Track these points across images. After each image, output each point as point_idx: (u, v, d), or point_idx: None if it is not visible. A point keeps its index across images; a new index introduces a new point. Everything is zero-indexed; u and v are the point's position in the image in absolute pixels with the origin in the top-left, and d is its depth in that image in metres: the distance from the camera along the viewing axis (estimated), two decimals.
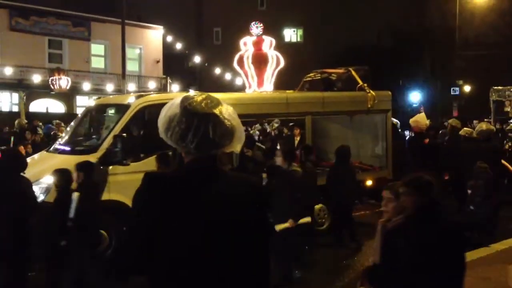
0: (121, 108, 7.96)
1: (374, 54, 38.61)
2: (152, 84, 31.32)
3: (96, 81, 29.55)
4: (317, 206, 9.09)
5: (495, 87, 14.24)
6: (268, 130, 14.81)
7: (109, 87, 28.28)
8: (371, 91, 10.19)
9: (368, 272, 4.12)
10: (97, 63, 31.38)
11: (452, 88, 32.56)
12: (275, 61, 10.66)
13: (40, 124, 15.88)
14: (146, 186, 2.09)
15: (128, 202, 6.25)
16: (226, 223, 2.03)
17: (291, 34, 45.13)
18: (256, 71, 10.57)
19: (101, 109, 9.16)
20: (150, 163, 6.81)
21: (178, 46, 32.26)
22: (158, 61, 33.66)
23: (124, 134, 7.15)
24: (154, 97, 8.38)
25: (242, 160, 8.54)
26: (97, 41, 30.93)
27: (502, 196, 10.06)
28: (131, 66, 30.91)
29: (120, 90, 24.03)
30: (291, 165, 7.07)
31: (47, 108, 27.29)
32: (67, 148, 8.06)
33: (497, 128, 12.42)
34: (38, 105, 28.50)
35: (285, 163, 6.90)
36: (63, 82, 26.85)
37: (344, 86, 10.60)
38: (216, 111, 2.09)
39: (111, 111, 8.75)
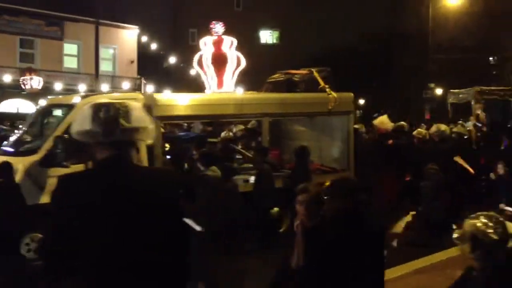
0: (67, 108, 7.81)
1: (350, 58, 38.90)
2: (126, 85, 31.03)
3: (68, 81, 29.17)
4: (274, 209, 9.00)
5: (452, 90, 14.42)
6: (234, 130, 14.67)
7: (82, 87, 27.94)
8: (332, 93, 10.03)
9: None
10: (70, 63, 31.01)
11: (424, 91, 32.91)
12: (235, 61, 10.52)
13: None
14: (58, 187, 2.20)
15: None
16: (136, 216, 2.15)
17: (267, 36, 45.19)
18: (215, 72, 10.43)
19: (50, 109, 8.98)
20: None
21: (154, 46, 32.06)
22: (132, 61, 33.41)
23: (66, 135, 6.98)
24: (100, 97, 8.23)
25: (191, 162, 8.45)
26: (70, 41, 30.59)
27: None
28: (105, 66, 30.66)
29: (93, 90, 23.83)
30: (208, 169, 6.82)
31: (17, 108, 26.87)
32: (11, 150, 7.89)
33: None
34: (9, 105, 28.07)
35: (201, 166, 6.67)
36: (35, 82, 26.41)
37: (307, 88, 10.51)
38: (123, 108, 2.27)
39: (58, 111, 8.58)
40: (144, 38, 32.17)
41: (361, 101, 48.75)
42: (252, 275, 7.09)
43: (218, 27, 10.76)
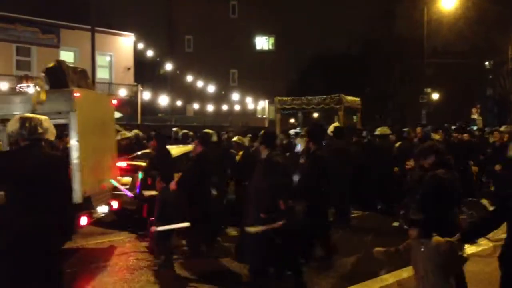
0: None
1: (343, 63, 39.10)
2: (123, 92, 31.10)
3: None
4: None
5: (279, 98, 15.09)
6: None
7: None
8: (42, 87, 7.61)
9: None
10: None
11: (420, 96, 32.91)
12: None
13: None
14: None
15: None
16: (40, 179, 4.08)
17: (263, 43, 45.35)
18: None
19: None
20: None
21: (150, 53, 32.11)
22: (129, 69, 33.47)
23: None
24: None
25: None
26: (66, 48, 30.62)
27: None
28: (102, 74, 30.66)
29: None
30: None
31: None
32: None
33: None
34: None
35: None
36: (32, 90, 26.30)
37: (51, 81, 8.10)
38: (37, 117, 4.35)
39: None
40: (141, 45, 32.23)
41: None
42: None
43: None
